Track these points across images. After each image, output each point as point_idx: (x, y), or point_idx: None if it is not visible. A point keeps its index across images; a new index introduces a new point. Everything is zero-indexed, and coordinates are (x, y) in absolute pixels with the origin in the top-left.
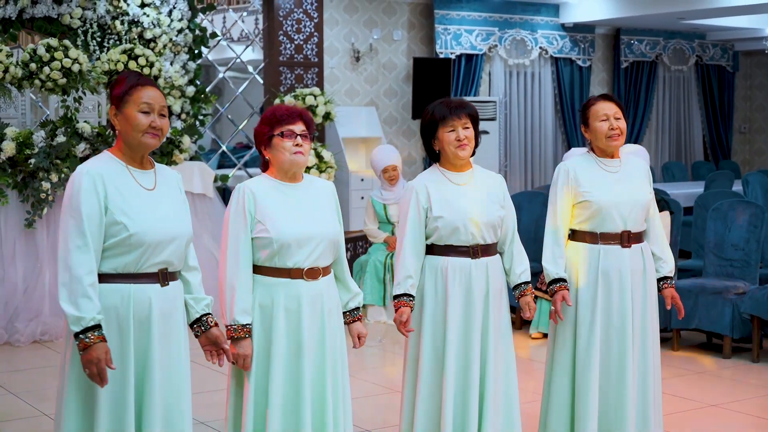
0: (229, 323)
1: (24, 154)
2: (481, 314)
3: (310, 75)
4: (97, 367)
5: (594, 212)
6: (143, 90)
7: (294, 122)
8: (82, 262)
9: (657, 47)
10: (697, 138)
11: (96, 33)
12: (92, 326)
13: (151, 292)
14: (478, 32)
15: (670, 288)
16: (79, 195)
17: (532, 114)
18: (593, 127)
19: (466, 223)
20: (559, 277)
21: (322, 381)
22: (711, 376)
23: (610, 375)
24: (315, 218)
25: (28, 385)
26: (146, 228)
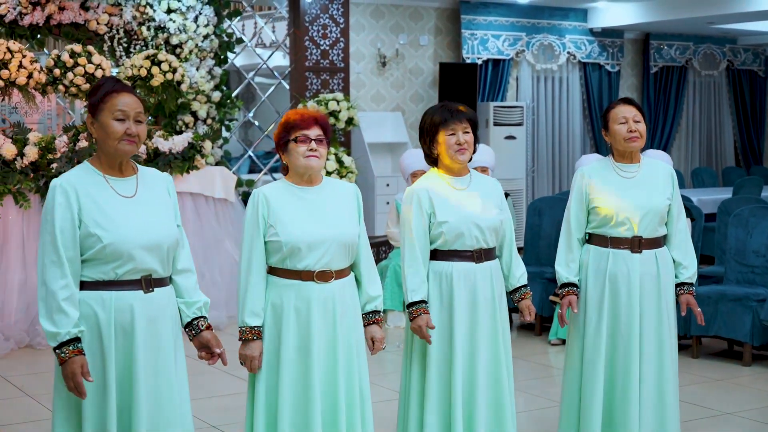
0: (239, 325)
1: (46, 159)
2: (487, 318)
3: (336, 80)
4: (74, 381)
5: (604, 218)
6: (118, 97)
7: (308, 127)
8: (55, 276)
9: (687, 52)
10: (727, 143)
11: (122, 39)
12: (67, 341)
13: (134, 299)
14: (505, 37)
15: (687, 294)
16: (53, 209)
17: (559, 119)
18: (612, 130)
19: (471, 227)
20: (569, 281)
21: (334, 383)
22: (730, 384)
23: (615, 379)
24: (329, 221)
25: (47, 388)
26: (122, 237)
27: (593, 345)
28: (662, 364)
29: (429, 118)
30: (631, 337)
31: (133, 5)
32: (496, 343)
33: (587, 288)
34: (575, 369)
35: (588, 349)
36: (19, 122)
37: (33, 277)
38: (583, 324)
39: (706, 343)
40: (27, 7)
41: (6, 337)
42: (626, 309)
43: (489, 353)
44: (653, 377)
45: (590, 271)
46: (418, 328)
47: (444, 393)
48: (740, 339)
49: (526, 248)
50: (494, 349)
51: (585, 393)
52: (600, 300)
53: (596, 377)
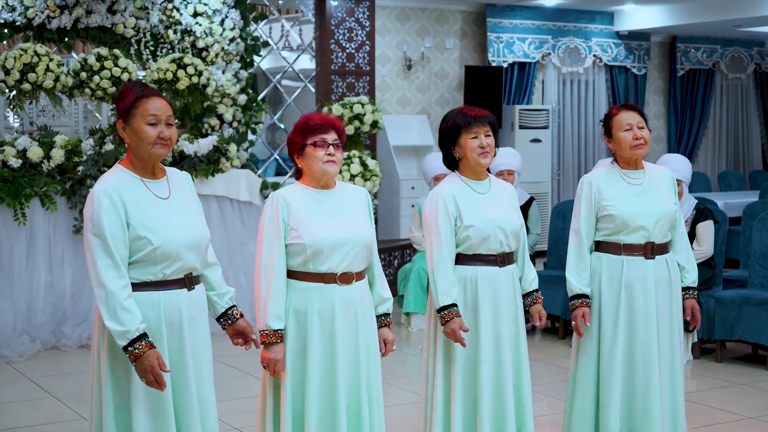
0: (262, 328)
1: (72, 162)
2: (510, 322)
3: (361, 83)
4: (153, 374)
5: (618, 225)
6: (149, 101)
7: (326, 132)
8: (113, 277)
9: (714, 55)
10: (755, 147)
11: (149, 42)
12: (138, 337)
13: (180, 297)
14: (531, 40)
15: (692, 299)
16: (100, 214)
17: (585, 122)
18: (617, 137)
19: (496, 231)
20: (581, 292)
21: (357, 385)
22: (755, 389)
23: (635, 385)
24: (348, 223)
25: (73, 389)
26: (169, 239)
27: (609, 352)
28: (674, 367)
29: (450, 122)
30: (650, 343)
31: (159, 9)
32: (518, 346)
33: (601, 296)
34: (589, 375)
35: (604, 356)
36: (45, 125)
37: (59, 278)
38: (597, 331)
39: (730, 347)
40: (55, 10)
41: (32, 338)
42: (643, 315)
43: (513, 356)
44: (668, 380)
45: (604, 280)
46: (452, 331)
47: (470, 397)
48: (764, 343)
49: (551, 251)
50: (517, 352)
51: (603, 400)
52: (616, 307)
53: (613, 384)
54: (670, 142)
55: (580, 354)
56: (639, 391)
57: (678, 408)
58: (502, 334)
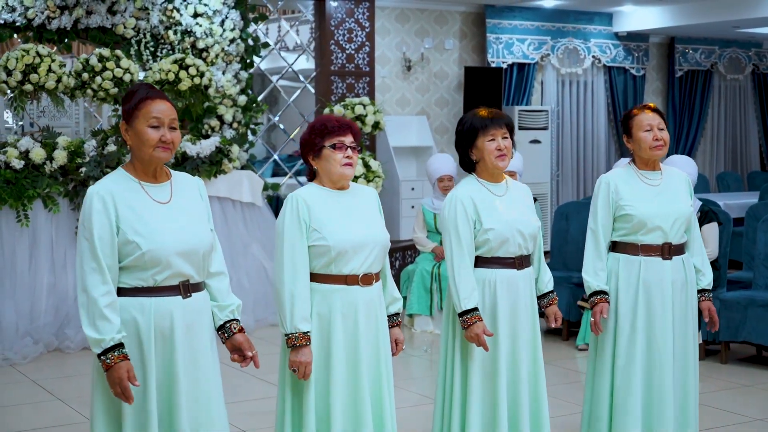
0: (290, 331)
1: (75, 163)
2: (528, 325)
3: (361, 84)
4: (120, 386)
5: (635, 225)
6: (152, 104)
7: (344, 134)
8: (96, 283)
9: (712, 56)
10: (753, 147)
11: (149, 43)
12: (112, 346)
13: (173, 304)
14: (530, 41)
15: (708, 301)
16: (90, 216)
17: (584, 123)
18: (637, 138)
19: (515, 234)
20: (600, 289)
21: (379, 386)
22: (760, 390)
23: (652, 386)
24: (367, 224)
25: (76, 391)
26: (160, 244)
27: (627, 353)
28: (687, 369)
29: (467, 124)
30: (666, 344)
31: (160, 9)
32: (535, 349)
33: (618, 296)
34: (605, 376)
35: (621, 357)
36: (48, 126)
37: (62, 280)
38: (614, 332)
39: (735, 348)
40: (54, 11)
41: (35, 340)
42: (660, 316)
43: (530, 359)
44: (680, 381)
45: (621, 280)
46: (476, 336)
47: (487, 400)
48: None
49: (553, 253)
50: (534, 355)
51: (618, 400)
52: (633, 308)
53: (632, 385)
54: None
55: (597, 359)
56: (655, 392)
57: (688, 410)
58: (520, 337)
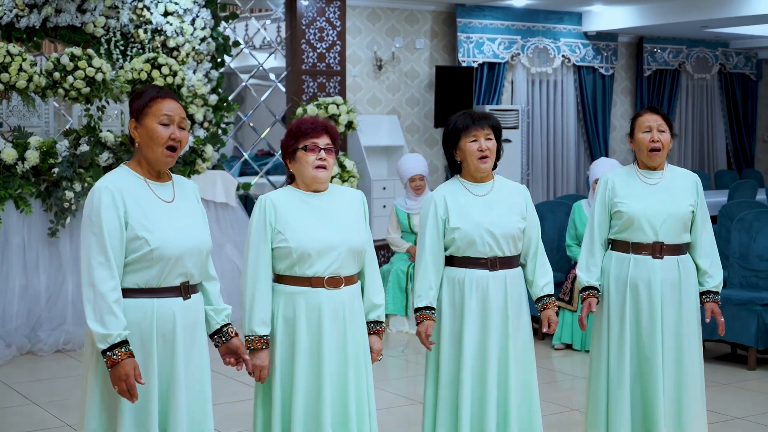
0: (247, 334)
1: (47, 164)
2: (499, 327)
3: (332, 83)
4: (126, 383)
5: (625, 222)
6: (163, 102)
7: (318, 135)
8: (105, 278)
9: (680, 55)
10: (720, 147)
11: (119, 42)
12: (119, 342)
13: (174, 306)
14: (500, 40)
15: (712, 303)
16: (99, 211)
17: (554, 122)
18: (636, 138)
19: (483, 234)
20: (590, 284)
21: (344, 391)
22: (737, 389)
23: (641, 386)
24: (337, 227)
25: (52, 395)
26: (167, 242)
27: (618, 352)
28: (681, 372)
29: (451, 125)
30: (653, 344)
31: (130, 8)
32: (506, 351)
33: (609, 294)
34: (602, 377)
35: (613, 356)
36: (19, 126)
37: (34, 282)
38: (606, 331)
39: (710, 347)
40: (23, 9)
41: (7, 343)
42: (648, 315)
43: (498, 361)
44: (673, 385)
45: (612, 277)
46: (419, 334)
47: (453, 400)
48: (745, 343)
49: None
50: (504, 357)
51: (612, 400)
52: (622, 306)
53: (622, 384)
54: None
55: (594, 358)
56: (644, 391)
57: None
58: (489, 337)
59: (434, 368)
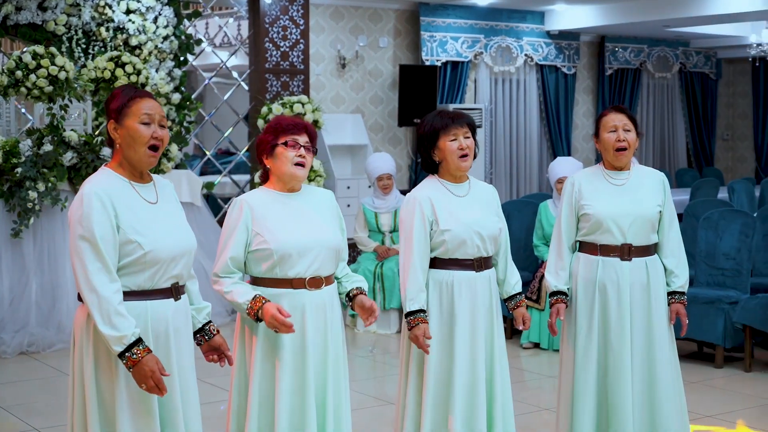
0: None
1: (10, 163)
2: (487, 327)
3: (296, 82)
4: (153, 378)
5: (593, 224)
6: (142, 101)
7: (299, 133)
8: (105, 282)
9: (641, 54)
10: (680, 145)
11: (81, 40)
12: (135, 341)
13: (167, 307)
14: (463, 39)
15: (678, 303)
16: (90, 217)
17: (517, 121)
18: (602, 138)
19: (473, 236)
20: (558, 289)
21: (324, 390)
22: (706, 387)
23: (608, 388)
24: (315, 227)
25: (17, 398)
26: (159, 244)
27: (584, 354)
28: (653, 373)
29: (428, 125)
30: (622, 346)
31: (91, 6)
32: (499, 350)
33: (577, 297)
34: (569, 377)
35: (579, 358)
36: None
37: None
38: (574, 333)
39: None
40: None
41: None
42: (617, 317)
43: (489, 361)
44: (644, 387)
45: (580, 280)
46: (416, 337)
47: (441, 401)
48: (713, 341)
49: None
50: (491, 357)
51: (576, 401)
52: (590, 308)
53: (587, 385)
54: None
55: (562, 360)
56: (611, 396)
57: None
58: (478, 339)
59: (418, 370)
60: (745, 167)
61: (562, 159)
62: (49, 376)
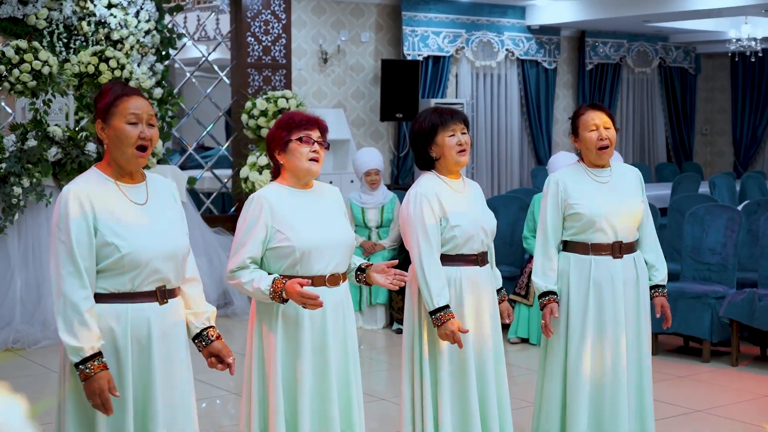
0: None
1: None
2: (489, 320)
3: (278, 77)
4: (101, 397)
5: (585, 224)
6: (129, 100)
7: (311, 128)
8: (75, 287)
9: (621, 49)
10: (660, 140)
11: (62, 34)
12: (92, 356)
13: (150, 311)
14: (445, 34)
15: (662, 297)
16: (66, 218)
17: (498, 116)
18: (582, 137)
19: (479, 231)
20: (548, 290)
21: (347, 387)
22: (694, 381)
23: (604, 385)
24: (331, 224)
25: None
26: (139, 247)
27: (577, 352)
28: (641, 367)
29: (426, 121)
30: (618, 343)
31: (73, 0)
32: (498, 343)
33: (569, 296)
34: (556, 375)
35: (572, 357)
36: None
37: None
38: (565, 332)
39: (662, 339)
40: None
41: None
42: (612, 315)
43: (493, 355)
44: (635, 380)
45: (572, 279)
46: (451, 333)
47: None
48: (699, 336)
49: None
50: (496, 350)
51: (571, 400)
52: (584, 307)
53: (581, 384)
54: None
55: (548, 356)
56: (607, 391)
57: (645, 408)
58: (484, 335)
59: (432, 368)
60: (724, 162)
61: (564, 153)
62: (35, 373)
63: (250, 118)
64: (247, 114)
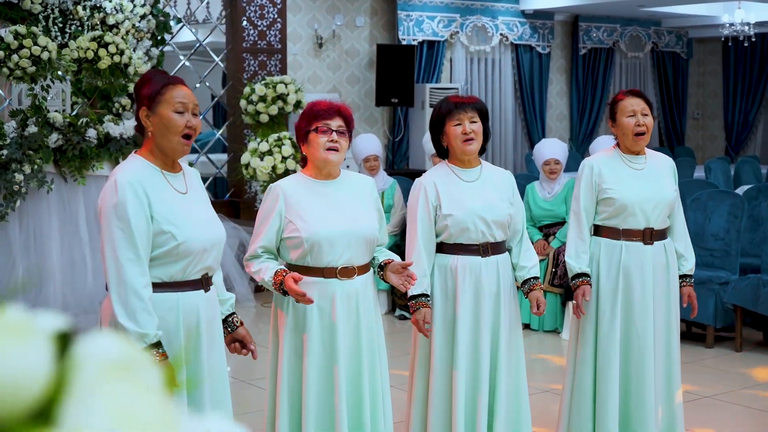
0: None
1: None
2: (491, 313)
3: (273, 62)
4: None
5: (617, 209)
6: (175, 89)
7: (331, 117)
8: (137, 274)
9: (614, 34)
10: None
11: (58, 19)
12: (155, 343)
13: (198, 299)
14: (440, 18)
15: (689, 287)
16: (125, 205)
17: (492, 101)
18: (620, 123)
19: (476, 221)
20: (581, 272)
21: (359, 382)
22: (700, 366)
23: (630, 373)
24: (350, 216)
25: None
26: (192, 236)
27: (607, 338)
28: (670, 356)
29: (436, 111)
30: (646, 330)
31: None
32: (497, 337)
33: (600, 281)
34: (588, 363)
35: (602, 342)
36: None
37: None
38: (595, 317)
39: None
40: None
41: None
42: (640, 301)
43: (493, 346)
44: (663, 369)
45: (602, 264)
46: (416, 322)
47: (447, 386)
48: (703, 322)
49: None
50: (495, 343)
51: (600, 387)
52: (614, 292)
53: (611, 371)
54: (572, 119)
55: (581, 343)
56: (633, 381)
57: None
58: (482, 324)
59: (425, 356)
60: (716, 146)
61: (548, 141)
62: None
63: (249, 103)
64: (245, 99)
